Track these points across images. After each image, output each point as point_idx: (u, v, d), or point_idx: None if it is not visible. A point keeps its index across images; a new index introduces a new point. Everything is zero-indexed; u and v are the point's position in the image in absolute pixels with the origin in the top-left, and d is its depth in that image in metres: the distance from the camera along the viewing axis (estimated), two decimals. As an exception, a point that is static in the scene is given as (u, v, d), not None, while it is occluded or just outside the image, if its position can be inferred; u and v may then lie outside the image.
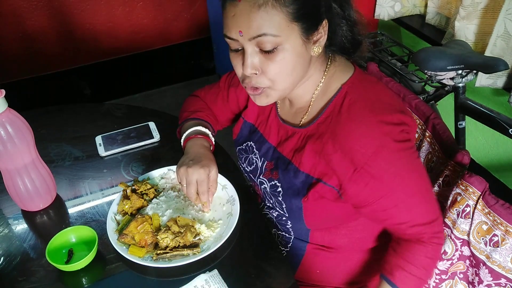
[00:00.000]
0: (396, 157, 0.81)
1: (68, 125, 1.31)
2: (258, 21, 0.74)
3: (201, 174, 0.93)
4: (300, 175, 0.89)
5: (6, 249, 0.93)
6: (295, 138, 0.92)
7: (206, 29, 2.80)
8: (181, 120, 1.12)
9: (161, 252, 0.87)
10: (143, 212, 0.95)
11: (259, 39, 0.76)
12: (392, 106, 0.84)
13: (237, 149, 1.09)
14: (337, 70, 0.89)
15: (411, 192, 0.83)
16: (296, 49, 0.79)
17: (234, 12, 0.76)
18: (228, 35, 0.79)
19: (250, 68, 0.80)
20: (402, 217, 0.85)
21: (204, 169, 0.94)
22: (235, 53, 0.83)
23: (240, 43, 0.78)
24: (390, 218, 0.86)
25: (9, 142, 0.89)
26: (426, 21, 2.04)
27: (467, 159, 0.89)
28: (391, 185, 0.82)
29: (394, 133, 0.81)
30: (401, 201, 0.83)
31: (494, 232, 0.83)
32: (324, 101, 0.88)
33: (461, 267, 0.94)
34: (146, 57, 2.76)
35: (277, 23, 0.75)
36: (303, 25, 0.77)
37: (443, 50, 1.46)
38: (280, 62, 0.78)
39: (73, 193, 1.07)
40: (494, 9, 1.64)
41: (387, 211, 0.84)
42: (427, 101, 1.67)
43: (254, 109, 1.05)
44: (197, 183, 0.94)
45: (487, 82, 1.64)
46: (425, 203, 0.86)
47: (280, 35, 0.76)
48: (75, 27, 2.49)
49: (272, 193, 0.96)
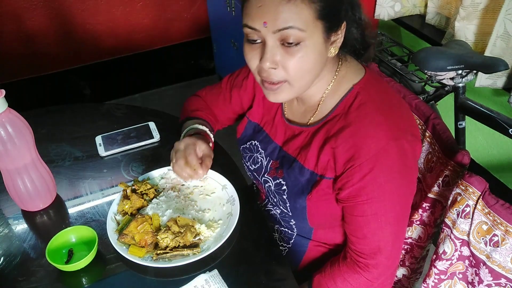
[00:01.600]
0: (394, 168, 0.81)
1: (68, 125, 1.31)
2: (287, 13, 0.73)
3: (186, 141, 0.96)
4: (305, 172, 0.89)
5: (6, 249, 0.93)
6: (302, 136, 0.92)
7: (206, 29, 2.80)
8: (181, 120, 1.13)
9: (161, 252, 0.87)
10: (143, 212, 0.95)
11: (284, 31, 0.75)
12: (403, 115, 0.84)
13: (241, 147, 1.09)
14: (348, 71, 0.89)
15: (391, 210, 0.84)
16: (317, 47, 0.78)
17: (262, 2, 0.74)
18: (250, 25, 0.77)
19: (269, 62, 0.78)
20: (371, 227, 0.84)
21: (190, 139, 0.96)
22: (252, 45, 0.80)
23: (261, 34, 0.77)
24: (361, 223, 0.85)
25: (9, 142, 0.89)
26: (426, 21, 2.04)
27: (467, 159, 0.89)
28: (381, 191, 0.81)
29: (401, 140, 0.80)
30: (381, 213, 0.83)
31: (494, 232, 0.83)
32: (334, 100, 0.88)
33: (460, 267, 0.94)
34: (146, 57, 2.76)
35: (304, 17, 0.74)
36: (326, 24, 0.77)
37: (443, 50, 1.46)
38: (301, 59, 0.77)
39: (73, 193, 1.07)
40: (494, 9, 1.64)
41: (364, 217, 0.84)
42: (427, 101, 1.67)
43: (259, 109, 1.05)
44: (184, 149, 0.95)
45: (487, 82, 1.64)
46: (395, 232, 0.86)
47: (306, 30, 0.75)
48: (75, 27, 2.49)
49: (277, 191, 0.96)
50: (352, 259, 0.89)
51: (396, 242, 0.87)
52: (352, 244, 0.88)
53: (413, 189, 0.88)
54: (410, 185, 0.86)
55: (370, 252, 0.86)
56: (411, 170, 0.85)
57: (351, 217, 0.86)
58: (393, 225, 0.84)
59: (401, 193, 0.84)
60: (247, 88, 1.07)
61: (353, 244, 0.88)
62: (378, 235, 0.84)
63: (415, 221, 1.05)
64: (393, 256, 0.88)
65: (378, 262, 0.86)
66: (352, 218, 0.86)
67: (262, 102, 1.04)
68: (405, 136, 0.81)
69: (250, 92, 1.07)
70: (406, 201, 0.86)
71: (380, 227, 0.84)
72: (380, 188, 0.81)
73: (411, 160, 0.83)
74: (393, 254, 0.88)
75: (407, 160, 0.82)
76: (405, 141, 0.81)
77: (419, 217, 1.03)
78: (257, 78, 0.84)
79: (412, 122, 0.87)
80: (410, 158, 0.83)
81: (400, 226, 0.87)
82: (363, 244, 0.86)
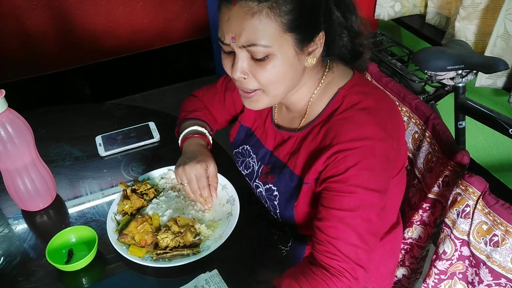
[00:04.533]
0: (378, 166, 0.77)
1: (68, 125, 1.31)
2: (251, 30, 0.73)
3: (198, 169, 0.94)
4: (295, 178, 0.89)
5: (6, 249, 0.93)
6: (291, 141, 0.92)
7: (206, 29, 2.80)
8: (179, 120, 1.13)
9: (161, 252, 0.87)
10: (143, 212, 0.95)
11: (250, 48, 0.75)
12: (390, 116, 0.82)
13: (234, 152, 1.09)
14: (335, 76, 0.88)
15: (368, 204, 0.77)
16: (288, 60, 0.77)
17: (229, 15, 0.75)
18: (221, 39, 0.79)
19: (239, 72, 0.79)
20: (346, 209, 0.76)
21: (201, 164, 0.94)
22: (227, 55, 0.82)
23: (231, 47, 0.78)
24: (337, 205, 0.77)
25: (9, 142, 0.89)
26: (426, 21, 2.04)
27: (467, 159, 0.89)
28: (359, 180, 0.76)
29: (387, 142, 0.78)
30: (359, 208, 0.76)
31: (494, 232, 0.83)
32: (321, 105, 0.87)
33: (460, 267, 0.94)
34: (146, 57, 2.76)
35: (269, 33, 0.74)
36: (297, 36, 0.76)
37: (443, 50, 1.46)
38: (271, 70, 0.77)
39: (73, 193, 1.07)
40: (494, 9, 1.64)
41: (341, 211, 0.76)
42: (427, 101, 1.67)
43: (251, 113, 1.05)
44: (196, 178, 0.94)
45: (487, 82, 1.64)
46: (368, 230, 0.77)
47: (272, 45, 0.74)
48: (75, 27, 2.49)
49: (268, 197, 0.95)
50: (322, 263, 0.77)
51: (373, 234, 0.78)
52: (322, 245, 0.78)
53: (387, 189, 0.81)
54: (386, 184, 0.81)
55: (352, 246, 0.76)
56: (390, 172, 0.82)
57: (326, 210, 0.78)
58: (369, 223, 0.77)
59: (378, 191, 0.78)
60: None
61: (324, 245, 0.77)
62: (359, 227, 0.76)
63: (415, 221, 1.05)
64: (370, 251, 0.78)
65: (356, 259, 0.76)
66: (328, 211, 0.78)
67: None
68: (391, 138, 0.80)
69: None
70: (380, 200, 0.79)
71: (360, 220, 0.76)
72: (362, 182, 0.76)
73: (392, 162, 0.82)
74: (372, 241, 0.78)
75: (388, 162, 0.80)
76: (390, 142, 0.79)
77: (419, 217, 1.03)
78: (236, 85, 0.85)
79: (399, 125, 0.84)
80: (391, 160, 0.81)
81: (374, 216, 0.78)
82: (336, 245, 0.76)
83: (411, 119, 1.08)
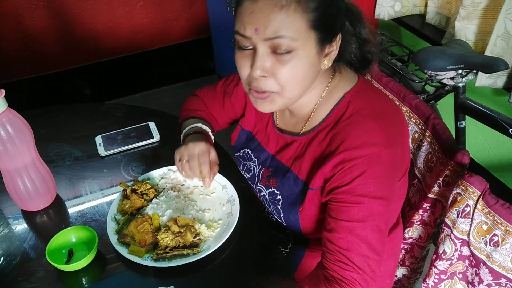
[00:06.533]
0: (384, 174, 0.77)
1: (68, 125, 1.31)
2: (279, 22, 0.72)
3: (202, 147, 0.94)
4: (299, 183, 0.88)
5: (6, 249, 0.93)
6: (295, 145, 0.91)
7: (206, 29, 2.80)
8: (181, 119, 1.12)
9: (161, 252, 0.87)
10: (143, 212, 0.95)
11: (275, 40, 0.73)
12: (397, 123, 0.82)
13: (235, 155, 1.09)
14: (341, 80, 0.87)
15: (376, 213, 0.76)
16: (310, 58, 0.76)
17: (253, 9, 0.73)
18: (241, 32, 0.75)
19: (260, 70, 0.76)
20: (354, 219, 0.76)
21: (205, 143, 0.95)
22: (243, 52, 0.78)
23: (252, 41, 0.75)
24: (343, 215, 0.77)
25: (9, 142, 0.89)
26: (426, 21, 2.04)
27: (467, 159, 0.89)
28: (366, 190, 0.76)
29: (393, 148, 0.78)
30: (368, 213, 0.76)
31: (494, 232, 0.83)
32: (326, 110, 0.86)
33: (460, 267, 0.94)
34: (146, 57, 2.76)
35: (297, 27, 0.73)
36: (320, 34, 0.75)
37: (443, 50, 1.46)
38: (293, 68, 0.75)
39: (73, 193, 1.07)
40: (494, 9, 1.64)
41: (350, 222, 0.76)
42: (427, 101, 1.67)
43: (251, 117, 1.04)
44: (198, 155, 0.94)
45: (487, 82, 1.64)
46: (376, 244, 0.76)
47: (298, 39, 0.73)
48: (75, 27, 2.49)
49: (271, 201, 0.95)
50: (334, 273, 0.77)
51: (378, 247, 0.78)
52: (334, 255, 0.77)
53: (393, 195, 0.81)
54: (392, 191, 0.81)
55: (363, 256, 0.76)
56: (395, 178, 0.82)
57: (335, 221, 0.78)
58: (377, 232, 0.77)
59: (385, 199, 0.78)
60: (238, 96, 1.06)
61: (335, 255, 0.77)
62: (368, 237, 0.76)
63: (415, 221, 1.05)
64: (377, 265, 0.77)
65: (363, 273, 0.76)
66: (336, 222, 0.78)
67: (254, 110, 1.02)
68: (396, 144, 0.79)
69: (242, 100, 1.06)
70: (388, 208, 0.79)
71: (370, 231, 0.76)
72: (369, 191, 0.76)
73: (397, 168, 0.82)
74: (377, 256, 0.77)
75: (394, 169, 0.80)
76: (395, 148, 0.79)
77: (419, 217, 1.03)
78: (245, 88, 0.82)
79: (403, 131, 0.84)
80: (396, 167, 0.81)
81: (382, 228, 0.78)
82: (347, 254, 0.76)
83: (411, 119, 1.08)
